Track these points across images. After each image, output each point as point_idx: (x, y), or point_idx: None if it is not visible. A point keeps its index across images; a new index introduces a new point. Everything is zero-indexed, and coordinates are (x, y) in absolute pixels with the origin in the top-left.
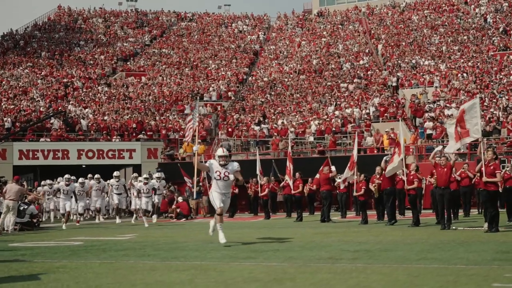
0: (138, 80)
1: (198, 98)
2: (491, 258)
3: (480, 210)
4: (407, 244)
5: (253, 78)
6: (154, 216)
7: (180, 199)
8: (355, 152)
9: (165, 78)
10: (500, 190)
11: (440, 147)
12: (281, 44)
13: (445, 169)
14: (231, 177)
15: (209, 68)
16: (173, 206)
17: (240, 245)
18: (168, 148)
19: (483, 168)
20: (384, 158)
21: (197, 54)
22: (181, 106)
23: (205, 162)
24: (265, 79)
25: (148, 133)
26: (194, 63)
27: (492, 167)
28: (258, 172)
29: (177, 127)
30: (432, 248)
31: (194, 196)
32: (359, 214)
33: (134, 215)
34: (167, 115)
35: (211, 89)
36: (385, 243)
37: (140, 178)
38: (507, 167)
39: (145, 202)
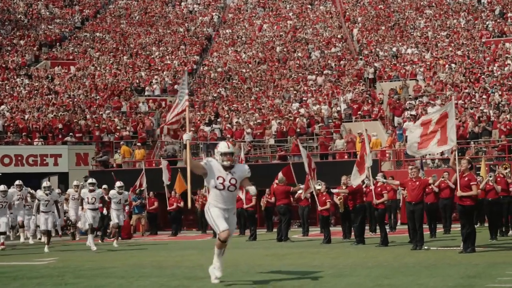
0: (66, 71)
1: (187, 71)
2: (453, 284)
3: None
4: (366, 268)
5: (205, 68)
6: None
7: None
8: (302, 157)
9: (98, 68)
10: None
11: (380, 175)
12: (239, 27)
13: (417, 183)
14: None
15: (152, 57)
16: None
17: (175, 270)
18: (101, 153)
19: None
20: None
21: (138, 39)
22: (118, 102)
23: (201, 161)
24: (219, 69)
25: (77, 135)
26: (134, 50)
27: (467, 179)
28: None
29: (112, 127)
30: (392, 272)
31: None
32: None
33: (77, 235)
34: (100, 113)
35: (154, 81)
36: (342, 267)
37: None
38: (490, 176)
39: (91, 217)
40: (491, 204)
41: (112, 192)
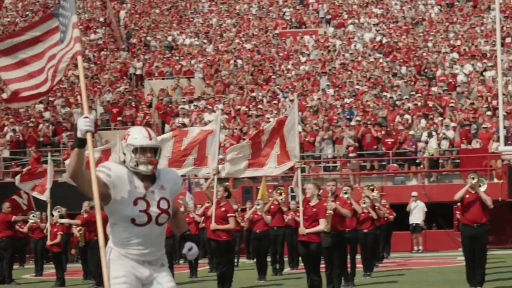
0: None
1: None
2: None
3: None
4: None
5: None
6: None
7: None
8: (49, 176)
9: None
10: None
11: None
12: None
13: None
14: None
15: None
16: None
17: None
18: None
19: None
20: None
21: None
22: None
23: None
24: None
25: None
26: None
27: (223, 210)
28: None
29: None
30: None
31: None
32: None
33: None
34: None
35: None
36: None
37: None
38: (257, 204)
39: None
40: (259, 237)
41: None
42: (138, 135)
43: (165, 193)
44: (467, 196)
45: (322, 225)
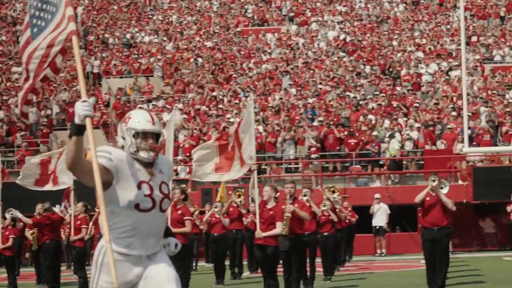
0: None
1: None
2: None
3: None
4: None
5: None
6: None
7: None
8: None
9: None
10: None
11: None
12: None
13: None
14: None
15: None
16: None
17: None
18: None
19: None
20: None
21: None
22: None
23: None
24: None
25: None
26: None
27: (180, 213)
28: None
29: None
30: None
31: None
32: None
33: None
34: None
35: None
36: None
37: None
38: (215, 207)
39: None
40: (216, 240)
41: None
42: (140, 119)
43: (164, 177)
44: (427, 198)
45: (279, 228)
